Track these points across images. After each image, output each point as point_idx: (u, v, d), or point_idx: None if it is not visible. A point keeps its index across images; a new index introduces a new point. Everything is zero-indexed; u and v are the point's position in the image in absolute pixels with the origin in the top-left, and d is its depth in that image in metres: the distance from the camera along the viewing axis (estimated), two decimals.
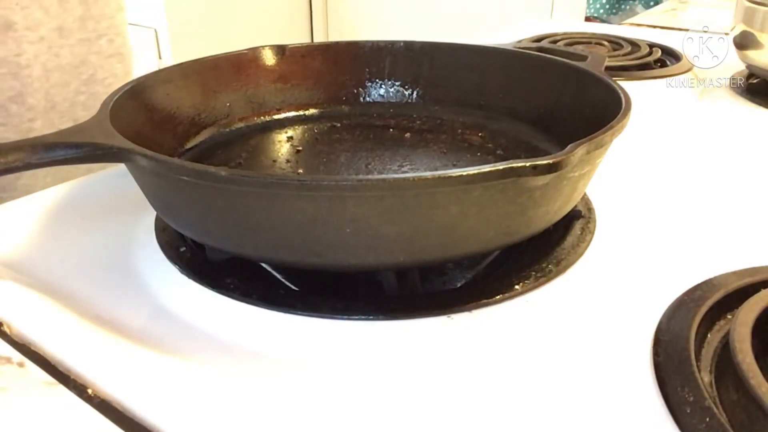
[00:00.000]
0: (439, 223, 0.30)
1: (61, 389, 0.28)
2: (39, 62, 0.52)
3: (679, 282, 0.33)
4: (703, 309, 0.30)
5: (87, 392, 0.28)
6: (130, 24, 0.64)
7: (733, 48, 0.69)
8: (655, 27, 1.01)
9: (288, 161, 0.46)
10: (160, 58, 1.88)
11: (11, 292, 0.33)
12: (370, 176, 0.43)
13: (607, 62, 0.56)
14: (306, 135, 0.49)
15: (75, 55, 0.55)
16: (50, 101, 0.54)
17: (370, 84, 0.52)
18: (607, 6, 1.92)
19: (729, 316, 0.31)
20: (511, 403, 0.27)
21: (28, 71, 0.51)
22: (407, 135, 0.49)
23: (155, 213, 0.40)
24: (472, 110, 0.50)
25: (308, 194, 0.29)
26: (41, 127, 0.39)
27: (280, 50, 0.50)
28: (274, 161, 0.46)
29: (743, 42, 0.67)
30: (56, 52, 0.53)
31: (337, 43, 0.52)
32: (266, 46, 0.50)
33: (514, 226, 0.32)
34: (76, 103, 0.56)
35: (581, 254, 0.37)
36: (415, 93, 0.52)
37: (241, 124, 0.49)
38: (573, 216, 0.40)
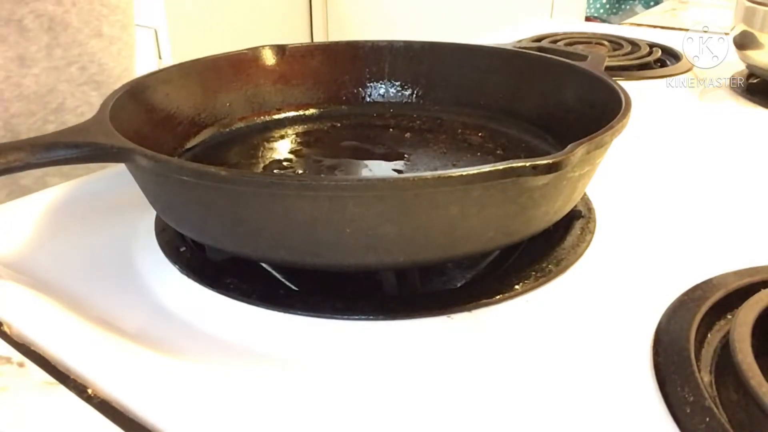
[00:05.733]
0: (439, 223, 0.30)
1: (61, 389, 0.28)
2: None
3: (679, 282, 0.33)
4: (703, 309, 0.30)
5: (87, 392, 0.28)
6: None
7: (733, 48, 0.69)
8: (655, 27, 1.01)
9: (288, 161, 0.46)
10: (160, 58, 1.88)
11: (11, 292, 0.33)
12: (370, 176, 0.43)
13: (607, 62, 0.56)
14: (306, 135, 0.49)
15: (41, 84, 0.52)
16: (12, 131, 0.51)
17: (370, 84, 0.52)
18: (607, 6, 1.92)
19: (729, 316, 0.31)
20: (512, 403, 0.27)
21: None
22: (407, 135, 0.49)
23: (155, 213, 0.40)
24: (472, 110, 0.50)
25: (308, 194, 0.29)
26: None
27: (280, 50, 0.50)
28: (275, 161, 0.46)
29: (743, 42, 0.67)
30: (17, 82, 0.51)
31: (337, 43, 0.52)
32: (266, 46, 0.50)
33: (514, 226, 0.32)
34: (43, 132, 0.52)
35: (581, 254, 0.37)
36: (415, 93, 0.52)
37: (241, 124, 0.49)
38: (573, 216, 0.40)
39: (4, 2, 0.49)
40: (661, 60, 0.79)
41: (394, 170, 0.44)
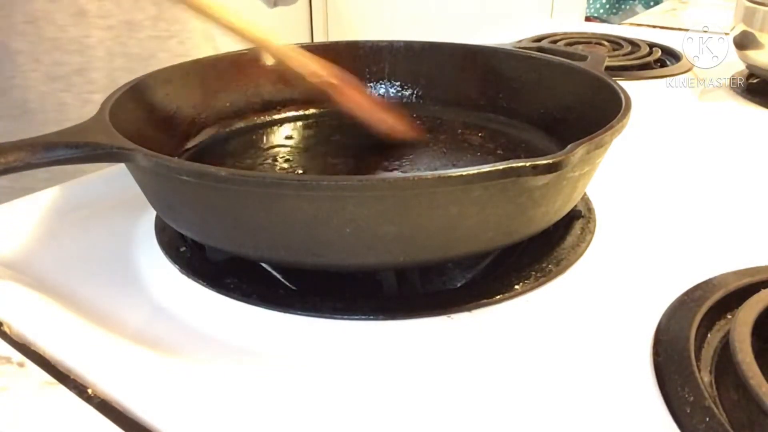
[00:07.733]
0: (439, 223, 0.30)
1: (61, 389, 0.28)
2: (104, 46, 0.59)
3: (679, 282, 0.33)
4: (703, 309, 0.30)
5: (87, 392, 0.28)
6: None
7: (733, 48, 0.69)
8: (655, 27, 1.01)
9: (288, 161, 0.46)
10: None
11: (11, 292, 0.33)
12: (370, 176, 0.43)
13: (607, 62, 0.56)
14: (306, 135, 0.49)
15: (144, 48, 0.61)
16: (112, 80, 0.60)
17: (370, 84, 0.52)
18: (607, 6, 1.92)
19: (729, 316, 0.31)
20: (512, 402, 0.27)
21: (93, 51, 0.59)
22: None
23: (155, 213, 0.40)
24: (472, 110, 0.50)
25: (308, 194, 0.29)
26: (100, 99, 0.41)
27: None
28: (275, 161, 0.46)
29: (743, 42, 0.67)
30: (123, 41, 0.60)
31: (337, 43, 0.52)
32: None
33: (514, 226, 0.32)
34: None
35: (581, 254, 0.37)
36: (415, 93, 0.52)
37: (241, 124, 0.49)
38: (573, 216, 0.40)
39: None
40: (661, 60, 0.79)
41: (394, 170, 0.44)
